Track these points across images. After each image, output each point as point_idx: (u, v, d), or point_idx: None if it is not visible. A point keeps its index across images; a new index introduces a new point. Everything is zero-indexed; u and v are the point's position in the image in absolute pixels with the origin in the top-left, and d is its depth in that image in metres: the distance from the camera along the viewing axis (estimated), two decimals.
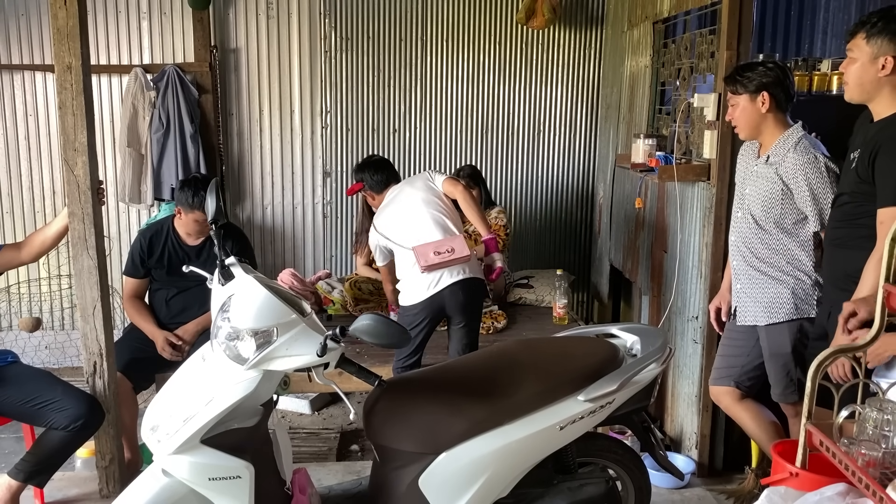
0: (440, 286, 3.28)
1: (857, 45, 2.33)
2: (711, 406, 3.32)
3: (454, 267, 3.29)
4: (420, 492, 2.20)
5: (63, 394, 2.82)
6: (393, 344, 2.00)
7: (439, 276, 3.29)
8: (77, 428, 2.78)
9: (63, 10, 2.77)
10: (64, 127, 2.86)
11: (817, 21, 5.18)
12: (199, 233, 3.52)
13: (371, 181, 3.72)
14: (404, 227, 3.40)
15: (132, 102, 4.61)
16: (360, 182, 3.77)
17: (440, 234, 3.32)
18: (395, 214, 3.47)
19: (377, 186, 3.71)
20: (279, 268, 4.77)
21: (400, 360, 3.38)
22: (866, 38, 2.30)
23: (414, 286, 3.34)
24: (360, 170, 3.80)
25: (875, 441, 1.85)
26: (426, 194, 3.45)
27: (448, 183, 3.48)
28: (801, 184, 2.71)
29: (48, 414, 2.79)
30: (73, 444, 2.88)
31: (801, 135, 2.77)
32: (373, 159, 3.86)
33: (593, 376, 2.26)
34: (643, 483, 2.58)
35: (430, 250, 3.27)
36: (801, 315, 2.81)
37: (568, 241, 5.27)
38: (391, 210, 3.50)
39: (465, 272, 3.31)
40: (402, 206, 3.46)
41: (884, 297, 1.98)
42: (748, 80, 2.78)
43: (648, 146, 3.79)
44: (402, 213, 3.44)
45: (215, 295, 2.15)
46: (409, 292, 3.38)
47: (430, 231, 3.34)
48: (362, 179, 3.75)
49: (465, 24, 4.92)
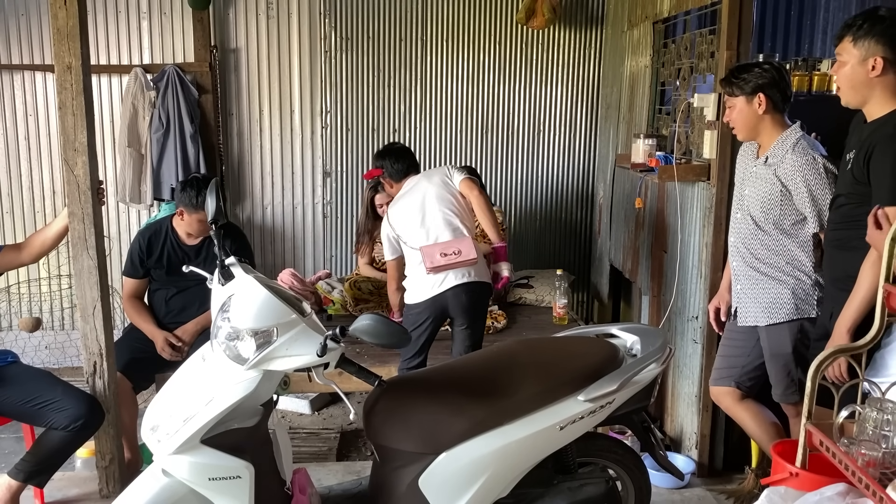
0: (444, 287, 3.28)
1: (845, 49, 2.33)
2: (711, 406, 3.31)
3: (460, 269, 3.28)
4: (420, 492, 2.20)
5: (63, 394, 2.82)
6: (393, 344, 2.00)
7: (444, 277, 3.28)
8: (77, 428, 2.78)
9: (63, 10, 2.77)
10: (64, 127, 2.86)
11: (817, 21, 5.19)
12: (202, 232, 3.51)
13: (391, 169, 3.65)
14: (414, 223, 3.38)
15: (132, 102, 4.61)
16: (380, 168, 3.71)
17: (449, 235, 3.31)
18: (407, 209, 3.43)
19: (396, 175, 3.64)
20: (279, 268, 4.77)
21: (405, 361, 3.38)
22: (853, 40, 2.30)
23: (419, 284, 3.34)
24: (380, 156, 3.73)
25: (875, 441, 1.85)
26: (441, 191, 3.41)
27: (465, 184, 3.43)
28: (799, 185, 2.71)
29: (48, 414, 2.79)
30: (74, 445, 2.88)
31: (799, 135, 2.77)
32: (395, 147, 3.80)
33: (593, 376, 2.26)
34: (643, 483, 2.58)
35: (437, 251, 3.26)
36: (801, 315, 2.81)
37: (568, 241, 5.27)
38: (404, 203, 3.46)
39: (471, 275, 3.30)
40: (416, 200, 3.42)
41: (884, 297, 1.98)
42: (744, 82, 2.78)
43: (648, 146, 3.80)
44: (414, 209, 3.41)
45: (215, 295, 2.15)
46: (414, 290, 3.38)
47: (440, 231, 3.33)
48: (382, 166, 3.68)
49: (465, 24, 4.92)
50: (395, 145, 3.84)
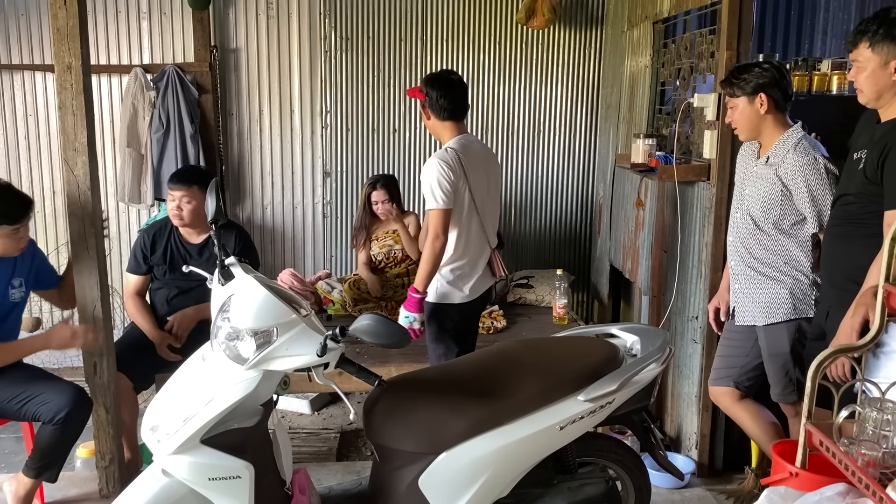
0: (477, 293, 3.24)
1: (862, 55, 2.33)
2: (711, 406, 3.32)
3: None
4: (420, 492, 2.20)
5: (46, 387, 2.82)
6: (393, 344, 1.99)
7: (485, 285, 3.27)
8: (61, 420, 2.76)
9: (63, 10, 2.77)
10: (64, 127, 2.86)
11: (817, 21, 5.19)
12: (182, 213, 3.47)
13: (435, 103, 3.15)
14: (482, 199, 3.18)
15: (132, 102, 4.61)
16: (423, 95, 3.20)
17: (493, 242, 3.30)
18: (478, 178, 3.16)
19: (439, 112, 3.17)
20: (279, 268, 4.77)
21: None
22: (870, 46, 2.30)
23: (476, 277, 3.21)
24: (430, 83, 3.19)
25: (875, 441, 1.85)
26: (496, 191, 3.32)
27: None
28: (800, 185, 2.71)
29: (32, 408, 2.79)
30: (65, 437, 2.85)
31: (800, 135, 2.77)
32: (449, 79, 3.21)
33: (593, 376, 2.26)
34: (643, 483, 2.58)
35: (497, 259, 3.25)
36: (799, 315, 2.81)
37: (568, 241, 5.27)
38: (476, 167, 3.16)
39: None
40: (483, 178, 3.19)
41: (884, 297, 1.98)
42: (745, 83, 2.78)
43: (648, 146, 3.79)
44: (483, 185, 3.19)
45: (215, 295, 2.16)
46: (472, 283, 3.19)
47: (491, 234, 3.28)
48: (427, 94, 3.18)
49: (465, 24, 4.92)
50: (451, 77, 3.24)
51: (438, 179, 3.01)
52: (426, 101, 3.18)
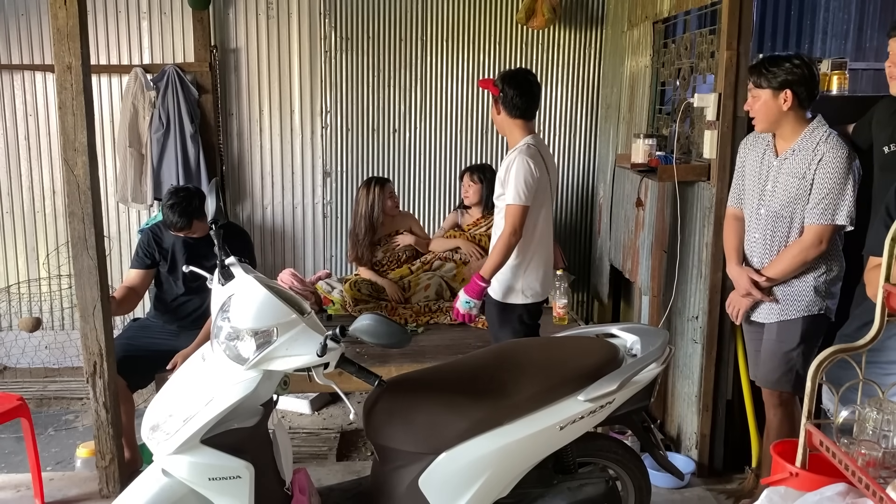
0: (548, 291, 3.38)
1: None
2: (711, 406, 3.32)
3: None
4: (420, 492, 2.20)
5: None
6: (393, 344, 1.99)
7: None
8: None
9: (63, 10, 2.77)
10: (64, 127, 2.86)
11: (817, 21, 5.18)
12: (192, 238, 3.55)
13: (509, 102, 3.18)
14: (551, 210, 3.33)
15: (132, 102, 4.61)
16: (498, 90, 3.22)
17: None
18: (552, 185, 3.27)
19: (511, 109, 3.19)
20: (279, 268, 4.77)
21: None
22: None
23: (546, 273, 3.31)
24: (507, 80, 3.20)
25: (875, 441, 1.85)
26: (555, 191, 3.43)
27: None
28: (828, 179, 2.69)
29: None
30: None
31: (827, 129, 2.75)
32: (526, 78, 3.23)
33: (593, 376, 2.26)
34: (643, 483, 2.58)
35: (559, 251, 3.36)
36: (817, 310, 2.82)
37: (568, 241, 5.27)
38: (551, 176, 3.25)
39: None
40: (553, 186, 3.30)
41: (884, 297, 1.98)
42: (773, 76, 2.73)
43: (648, 146, 3.79)
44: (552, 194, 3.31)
45: (215, 295, 2.16)
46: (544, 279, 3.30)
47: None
48: (503, 91, 3.20)
49: (465, 24, 4.92)
50: (528, 77, 3.25)
51: (525, 177, 3.04)
52: (500, 96, 3.21)
